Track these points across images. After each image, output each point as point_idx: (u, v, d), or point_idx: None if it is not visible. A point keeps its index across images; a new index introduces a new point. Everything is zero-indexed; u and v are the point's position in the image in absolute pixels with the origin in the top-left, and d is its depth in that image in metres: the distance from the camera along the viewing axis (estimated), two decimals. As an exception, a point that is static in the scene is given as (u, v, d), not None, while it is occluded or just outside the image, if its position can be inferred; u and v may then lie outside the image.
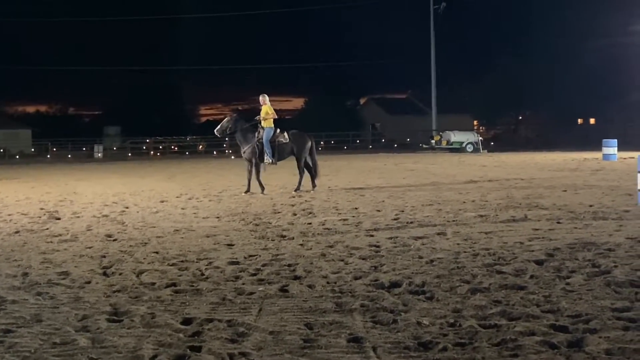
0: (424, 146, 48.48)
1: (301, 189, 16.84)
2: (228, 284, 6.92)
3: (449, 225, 10.66)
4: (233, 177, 22.59)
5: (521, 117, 76.74)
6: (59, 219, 12.52)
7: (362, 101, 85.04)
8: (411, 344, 4.93)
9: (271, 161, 16.85)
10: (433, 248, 8.66)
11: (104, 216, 12.85)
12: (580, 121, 74.31)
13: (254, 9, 75.52)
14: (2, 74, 68.68)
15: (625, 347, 4.76)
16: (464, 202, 13.76)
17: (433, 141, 47.36)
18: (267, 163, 16.88)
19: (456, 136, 46.36)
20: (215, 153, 50.53)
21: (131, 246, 9.33)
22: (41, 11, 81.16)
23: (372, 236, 9.76)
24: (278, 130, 17.07)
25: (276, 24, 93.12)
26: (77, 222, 12.00)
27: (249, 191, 16.55)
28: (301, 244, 9.20)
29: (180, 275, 7.40)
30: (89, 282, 7.11)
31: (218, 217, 12.38)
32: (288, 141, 17.05)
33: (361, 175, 23.57)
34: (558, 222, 10.65)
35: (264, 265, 7.83)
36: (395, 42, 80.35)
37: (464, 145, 45.28)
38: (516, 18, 77.13)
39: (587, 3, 64.15)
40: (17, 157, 50.00)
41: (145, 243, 9.59)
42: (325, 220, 11.61)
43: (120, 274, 7.46)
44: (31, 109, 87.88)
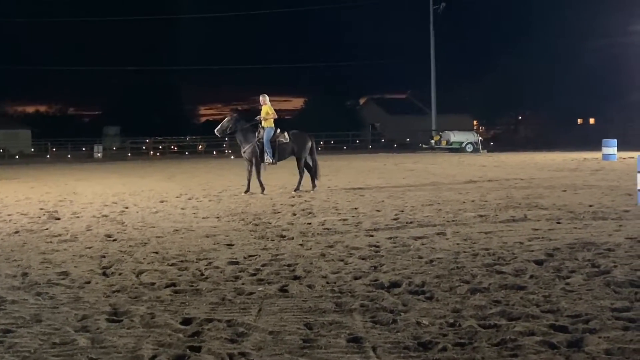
0: (424, 146, 48.50)
1: (301, 189, 16.84)
2: (228, 284, 6.91)
3: (449, 225, 10.66)
4: (233, 177, 22.59)
5: (521, 117, 76.81)
6: (59, 219, 12.52)
7: (362, 101, 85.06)
8: (411, 344, 4.93)
9: (271, 161, 16.85)
10: (433, 248, 8.66)
11: (104, 216, 12.85)
12: (580, 121, 74.35)
13: (254, 9, 75.54)
14: (2, 74, 68.71)
15: (624, 347, 4.76)
16: (464, 202, 13.76)
17: (433, 141, 47.39)
18: (268, 163, 16.88)
19: (456, 136, 46.38)
20: (214, 153, 50.52)
21: (131, 246, 9.33)
22: (41, 11, 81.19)
23: (372, 236, 9.76)
24: (278, 130, 17.07)
25: (276, 24, 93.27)
26: (77, 222, 12.00)
27: (249, 191, 16.55)
28: (301, 244, 9.20)
29: (179, 275, 7.40)
30: (89, 282, 7.11)
31: (218, 217, 12.38)
32: (288, 141, 17.05)
33: (361, 175, 23.56)
34: (558, 222, 10.65)
35: (264, 265, 7.83)
36: (395, 42, 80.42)
37: (464, 145, 45.28)
38: (516, 18, 77.23)
39: (587, 3, 64.22)
40: (17, 157, 49.97)
41: (144, 243, 9.59)
42: (324, 220, 11.61)
43: (119, 274, 7.46)
44: (31, 109, 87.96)
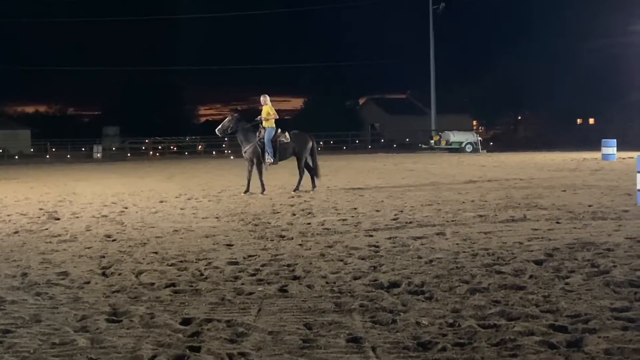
0: (423, 146, 48.51)
1: (300, 189, 16.84)
2: (227, 284, 6.91)
3: (448, 225, 10.66)
4: (232, 178, 22.60)
5: (520, 117, 76.84)
6: (58, 219, 12.52)
7: (362, 101, 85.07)
8: (410, 344, 4.94)
9: (272, 161, 16.85)
10: (432, 248, 8.66)
11: (103, 216, 12.85)
12: (579, 121, 74.38)
13: (254, 9, 75.55)
14: (2, 74, 68.71)
15: (624, 347, 4.76)
16: (463, 202, 13.76)
17: (432, 141, 47.41)
18: (269, 163, 16.89)
19: (455, 136, 46.40)
20: (214, 153, 50.53)
21: (130, 246, 9.33)
22: (41, 11, 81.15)
23: (371, 236, 9.76)
24: (279, 130, 17.09)
25: (276, 24, 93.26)
26: (76, 223, 12.00)
27: (248, 191, 16.55)
28: (300, 244, 9.20)
29: (179, 275, 7.40)
30: (88, 283, 7.11)
31: (217, 218, 12.38)
32: (289, 141, 17.07)
33: (360, 175, 23.57)
34: (557, 222, 10.65)
35: (263, 265, 7.83)
36: (394, 42, 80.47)
37: (463, 145, 45.30)
38: (515, 18, 77.31)
39: (587, 3, 64.25)
40: (17, 158, 49.98)
41: (144, 243, 9.59)
42: (324, 220, 11.61)
43: (119, 274, 7.46)
44: (30, 109, 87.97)
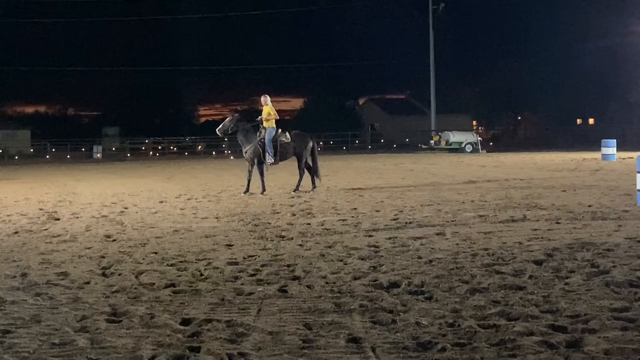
0: (423, 146, 48.52)
1: (300, 189, 16.85)
2: (227, 285, 6.92)
3: (448, 225, 10.66)
4: (232, 178, 22.60)
5: (520, 118, 76.77)
6: (58, 220, 12.52)
7: (361, 101, 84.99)
8: (410, 344, 4.94)
9: (273, 161, 16.86)
10: (432, 248, 8.66)
11: (103, 217, 12.85)
12: (579, 121, 74.36)
13: (254, 9, 75.49)
14: (1, 75, 68.63)
15: (624, 347, 4.77)
16: (463, 203, 13.76)
17: (432, 141, 47.42)
18: (270, 163, 16.89)
19: (455, 136, 46.41)
20: (214, 153, 50.55)
21: (130, 247, 9.33)
22: (40, 11, 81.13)
23: (371, 236, 9.77)
24: (279, 130, 17.09)
25: (276, 24, 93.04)
26: (76, 223, 12.00)
27: (248, 191, 16.56)
28: (300, 245, 9.20)
29: (179, 275, 7.40)
30: (88, 283, 7.11)
31: (217, 218, 12.39)
32: (290, 141, 17.07)
33: (360, 175, 23.57)
34: (557, 223, 10.65)
35: (263, 265, 7.83)
36: (394, 42, 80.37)
37: (463, 145, 45.30)
38: (515, 18, 77.12)
39: (587, 3, 64.24)
40: (16, 158, 49.97)
41: (144, 243, 9.59)
42: (324, 220, 11.62)
43: (119, 275, 7.46)
44: (30, 110, 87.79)
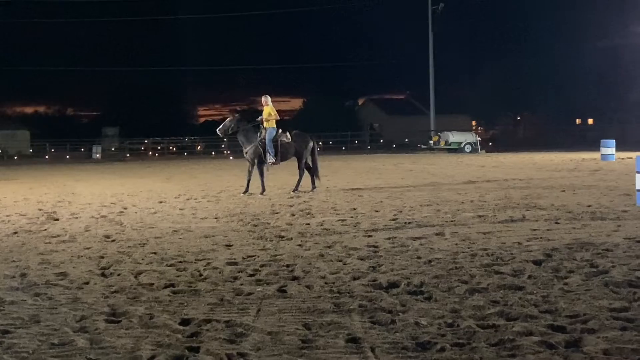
0: (423, 147, 48.51)
1: (300, 189, 16.85)
2: (226, 285, 6.92)
3: (447, 225, 10.66)
4: (231, 178, 22.60)
5: (519, 118, 76.81)
6: (57, 220, 12.52)
7: (361, 102, 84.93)
8: (409, 344, 4.94)
9: (274, 161, 16.86)
10: (431, 248, 8.66)
11: (102, 217, 12.85)
12: (578, 121, 74.39)
13: (253, 10, 75.41)
14: (1, 75, 68.58)
15: (623, 347, 4.77)
16: (463, 203, 13.77)
17: (431, 142, 47.41)
18: (270, 163, 16.89)
19: (454, 136, 46.41)
20: (213, 154, 50.54)
21: (129, 247, 9.33)
22: (40, 11, 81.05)
23: (371, 236, 9.77)
24: (280, 130, 17.10)
25: (275, 24, 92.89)
26: (76, 223, 12.00)
27: (248, 192, 16.56)
28: (299, 245, 9.20)
29: (178, 276, 7.41)
30: (87, 283, 7.11)
31: (216, 218, 12.39)
32: (290, 141, 17.08)
33: (359, 175, 23.57)
34: (556, 223, 10.66)
35: (262, 265, 7.83)
36: (393, 43, 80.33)
37: (462, 145, 45.30)
38: (515, 18, 77.11)
39: (587, 3, 64.23)
40: (15, 158, 49.96)
41: (143, 244, 9.59)
42: (323, 220, 11.62)
43: (118, 275, 7.46)
44: (29, 110, 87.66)
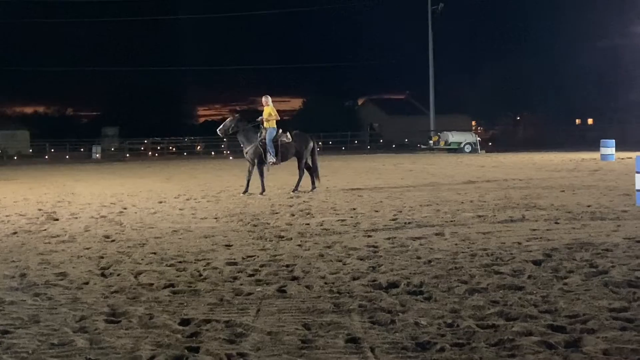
0: (422, 147, 48.51)
1: (299, 189, 16.85)
2: (226, 285, 6.92)
3: (447, 225, 10.66)
4: (231, 178, 22.60)
5: (519, 118, 76.80)
6: (57, 220, 12.52)
7: (360, 101, 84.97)
8: (409, 345, 4.94)
9: (274, 161, 16.85)
10: (431, 248, 8.66)
11: (102, 217, 12.85)
12: (578, 121, 74.42)
13: (253, 10, 75.45)
14: (1, 75, 68.57)
15: (622, 347, 4.77)
16: (462, 203, 13.77)
17: (431, 142, 47.41)
18: (271, 163, 16.89)
19: (454, 137, 46.41)
20: (213, 154, 50.55)
21: (129, 247, 9.34)
22: (40, 11, 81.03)
23: (370, 237, 9.77)
24: (280, 130, 17.11)
25: (275, 25, 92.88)
26: (75, 223, 12.00)
27: (247, 192, 16.56)
28: (299, 245, 9.21)
29: (178, 276, 7.41)
30: (87, 283, 7.11)
31: (216, 218, 12.39)
32: (290, 141, 17.09)
33: (359, 175, 23.57)
34: (556, 223, 10.66)
35: (262, 265, 7.83)
36: (393, 43, 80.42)
37: (462, 145, 45.30)
38: (514, 18, 77.15)
39: (587, 3, 64.24)
40: (15, 158, 49.95)
41: (143, 244, 9.59)
42: (323, 220, 11.62)
43: (118, 275, 7.46)
44: (29, 110, 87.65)
